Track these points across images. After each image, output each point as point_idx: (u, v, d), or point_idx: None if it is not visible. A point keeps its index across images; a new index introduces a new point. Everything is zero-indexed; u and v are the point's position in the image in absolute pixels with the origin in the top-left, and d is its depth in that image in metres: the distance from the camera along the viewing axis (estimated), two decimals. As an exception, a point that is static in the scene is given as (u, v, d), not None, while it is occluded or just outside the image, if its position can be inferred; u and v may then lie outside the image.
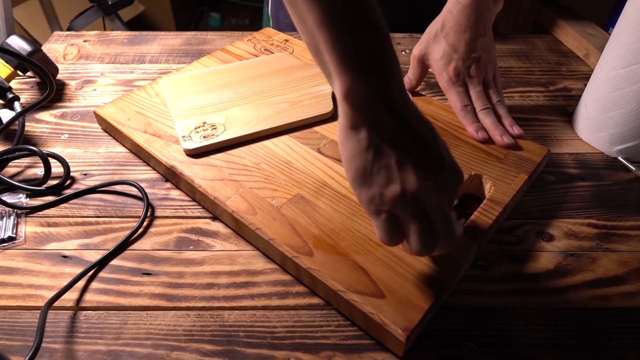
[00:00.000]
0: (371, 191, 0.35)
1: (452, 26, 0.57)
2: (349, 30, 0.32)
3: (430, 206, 0.34)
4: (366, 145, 0.34)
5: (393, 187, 0.34)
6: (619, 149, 0.57)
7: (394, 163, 0.34)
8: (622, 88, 0.54)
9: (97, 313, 0.42)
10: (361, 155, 0.34)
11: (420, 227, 0.35)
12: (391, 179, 0.34)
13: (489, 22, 0.57)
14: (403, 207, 0.34)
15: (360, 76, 0.32)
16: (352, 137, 0.34)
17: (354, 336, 0.40)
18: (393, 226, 0.36)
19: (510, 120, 0.57)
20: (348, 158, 0.35)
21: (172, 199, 0.53)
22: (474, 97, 0.58)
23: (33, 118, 0.64)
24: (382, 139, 0.34)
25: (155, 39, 0.82)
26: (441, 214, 0.35)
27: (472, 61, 0.57)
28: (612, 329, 0.41)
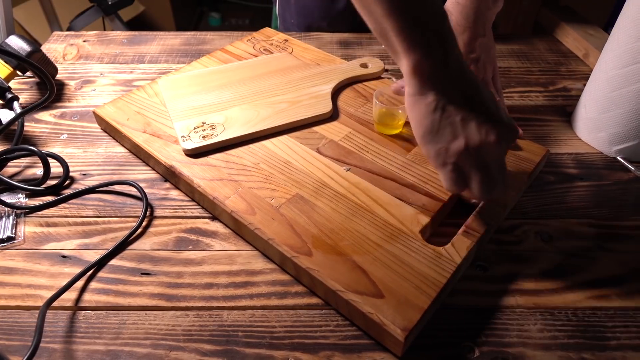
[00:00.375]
0: (438, 146, 0.40)
1: (453, 24, 0.56)
2: (413, 18, 0.37)
3: (490, 158, 0.40)
4: (434, 107, 0.39)
5: (458, 142, 0.39)
6: (618, 149, 0.57)
7: (458, 121, 0.39)
8: (621, 88, 0.54)
9: (96, 313, 0.42)
10: (429, 115, 0.39)
11: (482, 176, 0.40)
12: (456, 135, 0.39)
13: (488, 21, 0.56)
14: (467, 159, 0.40)
15: (426, 54, 0.38)
16: (421, 102, 0.40)
17: (353, 336, 0.40)
18: (458, 176, 0.41)
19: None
20: (418, 119, 0.40)
21: (171, 198, 0.53)
22: None
23: (32, 118, 0.64)
24: (447, 101, 0.39)
25: (155, 39, 0.82)
26: (499, 164, 0.41)
27: (470, 62, 0.56)
28: (611, 329, 0.41)
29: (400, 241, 0.44)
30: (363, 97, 0.63)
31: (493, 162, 0.40)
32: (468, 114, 0.39)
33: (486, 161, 0.40)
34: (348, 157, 0.53)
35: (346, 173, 0.51)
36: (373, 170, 0.51)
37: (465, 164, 0.40)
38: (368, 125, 0.58)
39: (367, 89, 0.64)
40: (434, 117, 0.39)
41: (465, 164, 0.40)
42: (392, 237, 0.44)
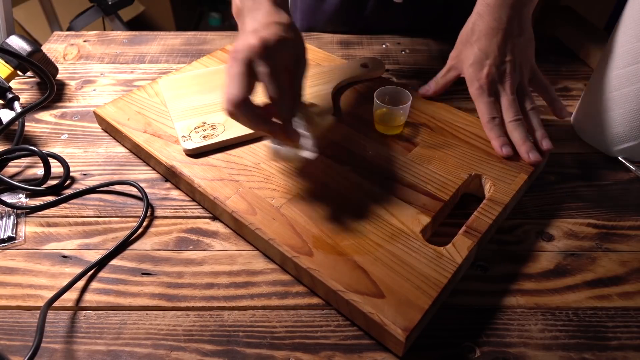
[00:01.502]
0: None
1: (482, 30, 0.55)
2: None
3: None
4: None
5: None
6: (619, 149, 0.57)
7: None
8: (622, 88, 0.54)
9: (97, 313, 0.42)
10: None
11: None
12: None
13: (525, 18, 0.54)
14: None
15: None
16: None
17: (353, 336, 0.40)
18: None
19: (542, 132, 0.54)
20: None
21: (172, 199, 0.53)
22: (504, 106, 0.55)
23: (33, 118, 0.64)
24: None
25: (155, 39, 0.82)
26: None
27: (506, 66, 0.54)
28: (612, 329, 0.41)
29: (401, 241, 0.44)
30: (363, 97, 0.62)
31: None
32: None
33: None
34: (348, 157, 0.53)
35: (347, 173, 0.51)
36: (373, 170, 0.51)
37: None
38: (368, 125, 0.58)
39: (367, 89, 0.64)
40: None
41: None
42: (393, 237, 0.44)
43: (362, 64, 0.66)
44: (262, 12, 0.45)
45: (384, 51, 0.78)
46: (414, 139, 0.55)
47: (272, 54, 0.42)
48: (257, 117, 0.43)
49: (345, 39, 0.81)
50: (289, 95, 0.45)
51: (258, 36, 0.42)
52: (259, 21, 0.44)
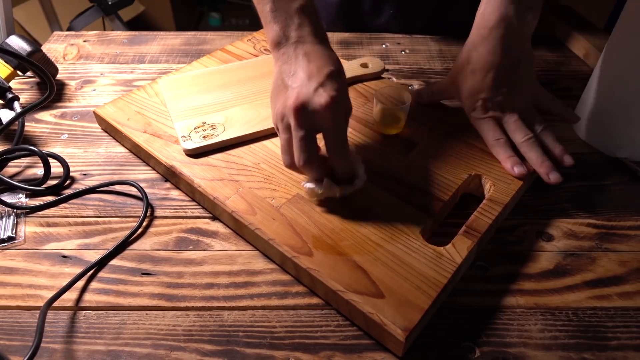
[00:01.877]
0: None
1: (476, 62, 0.53)
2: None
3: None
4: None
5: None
6: (619, 149, 0.57)
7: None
8: (622, 88, 0.54)
9: (97, 313, 0.42)
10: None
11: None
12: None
13: (524, 39, 0.52)
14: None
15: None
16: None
17: (353, 336, 0.40)
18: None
19: (560, 148, 0.52)
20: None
21: (172, 198, 0.53)
22: (511, 130, 0.53)
23: (33, 118, 0.64)
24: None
25: (155, 39, 0.82)
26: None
27: (501, 97, 0.53)
28: (612, 329, 0.41)
29: (401, 241, 0.44)
30: (363, 97, 0.62)
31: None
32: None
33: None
34: (348, 157, 0.53)
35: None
36: (373, 170, 0.51)
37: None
38: (368, 125, 0.57)
39: (367, 89, 0.64)
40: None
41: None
42: (393, 237, 0.44)
43: (362, 64, 0.66)
44: (315, 51, 0.45)
45: (384, 51, 0.78)
46: (414, 139, 0.55)
47: (337, 110, 0.43)
48: (320, 168, 0.45)
49: (345, 39, 0.81)
50: (346, 151, 0.46)
51: (327, 94, 0.42)
52: (311, 71, 0.43)
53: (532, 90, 0.55)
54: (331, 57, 0.45)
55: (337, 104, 0.42)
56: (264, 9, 0.46)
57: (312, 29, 0.45)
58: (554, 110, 0.56)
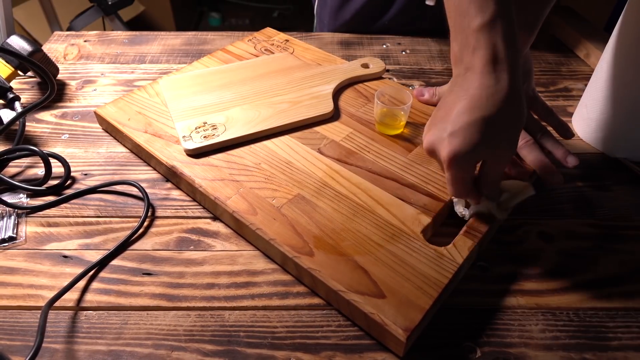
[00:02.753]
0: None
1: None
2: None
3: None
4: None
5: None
6: (619, 149, 0.57)
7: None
8: (622, 88, 0.54)
9: (98, 313, 0.42)
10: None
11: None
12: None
13: (524, 53, 0.52)
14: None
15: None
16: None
17: (354, 336, 0.40)
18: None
19: (562, 150, 0.52)
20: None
21: (173, 199, 0.53)
22: None
23: (33, 118, 0.64)
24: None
25: (156, 39, 0.82)
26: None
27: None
28: (613, 329, 0.41)
29: (402, 241, 0.44)
30: (364, 97, 0.63)
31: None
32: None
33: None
34: (349, 158, 0.53)
35: (348, 173, 0.51)
36: (374, 170, 0.51)
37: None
38: (369, 125, 0.58)
39: (368, 89, 0.64)
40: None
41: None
42: (394, 237, 0.44)
43: (362, 64, 0.67)
44: (476, 85, 0.38)
45: (384, 51, 0.78)
46: (414, 139, 0.55)
47: (458, 165, 0.40)
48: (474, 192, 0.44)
49: (345, 39, 0.81)
50: (469, 196, 0.44)
51: (452, 146, 0.38)
52: (459, 112, 0.38)
53: (529, 101, 0.55)
54: (494, 97, 0.38)
55: (459, 159, 0.39)
56: (449, 23, 0.41)
57: (488, 54, 0.38)
58: (550, 123, 0.56)
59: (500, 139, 0.39)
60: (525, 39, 0.51)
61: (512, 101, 0.38)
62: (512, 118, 0.39)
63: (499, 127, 0.38)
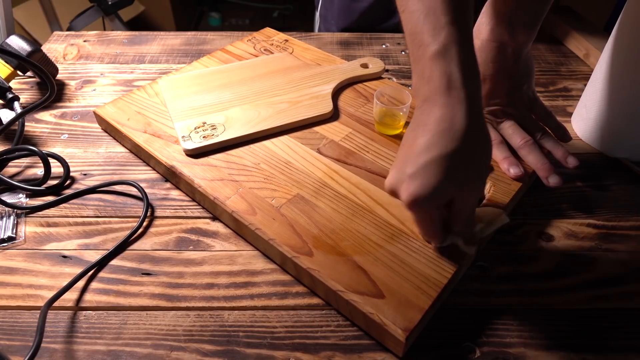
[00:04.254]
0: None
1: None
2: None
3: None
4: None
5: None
6: (619, 149, 0.57)
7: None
8: (622, 88, 0.54)
9: (97, 313, 0.42)
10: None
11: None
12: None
13: (517, 54, 0.51)
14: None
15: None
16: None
17: (353, 336, 0.40)
18: None
19: (562, 151, 0.51)
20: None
21: (172, 199, 0.53)
22: (508, 135, 0.52)
23: (33, 118, 0.64)
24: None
25: (155, 39, 0.82)
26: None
27: (496, 105, 0.53)
28: (612, 329, 0.41)
29: (401, 241, 0.44)
30: (363, 97, 0.63)
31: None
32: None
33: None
34: (349, 158, 0.53)
35: (347, 173, 0.51)
36: (374, 170, 0.51)
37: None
38: (368, 125, 0.58)
39: (367, 89, 0.64)
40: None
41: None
42: (393, 237, 0.44)
43: (362, 64, 0.66)
44: (433, 119, 0.36)
45: (384, 51, 0.78)
46: (414, 139, 0.55)
47: (421, 209, 0.38)
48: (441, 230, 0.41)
49: (345, 39, 0.81)
50: (439, 238, 0.41)
51: (411, 190, 0.36)
52: (417, 150, 0.36)
53: (528, 102, 0.54)
54: (451, 130, 0.35)
55: (420, 202, 0.36)
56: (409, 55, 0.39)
57: (443, 83, 0.35)
58: (548, 125, 0.55)
59: (465, 174, 0.36)
60: (525, 38, 0.51)
61: (472, 132, 0.35)
62: (475, 150, 0.36)
63: (462, 163, 0.35)
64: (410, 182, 0.36)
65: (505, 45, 0.51)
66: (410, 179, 0.36)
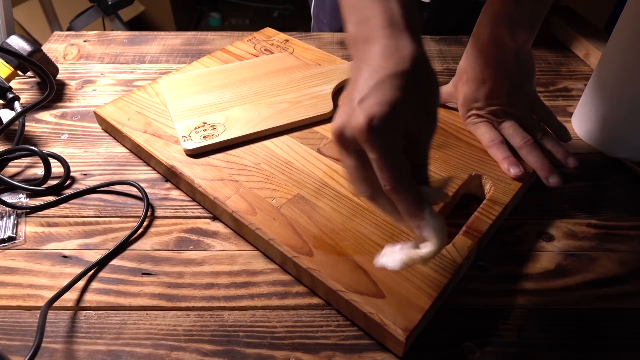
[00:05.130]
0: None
1: (472, 72, 0.53)
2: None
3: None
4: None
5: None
6: (619, 149, 0.57)
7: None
8: (622, 88, 0.54)
9: (97, 313, 0.42)
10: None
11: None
12: None
13: (517, 54, 0.51)
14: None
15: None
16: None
17: (353, 336, 0.40)
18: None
19: (563, 151, 0.51)
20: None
21: (172, 199, 0.53)
22: (509, 135, 0.53)
23: (33, 118, 0.64)
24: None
25: (155, 39, 0.82)
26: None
27: (496, 106, 0.53)
28: (612, 329, 0.41)
29: (401, 241, 0.43)
30: (364, 97, 0.62)
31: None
32: None
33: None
34: (349, 157, 0.53)
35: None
36: (374, 170, 0.51)
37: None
38: (369, 125, 0.57)
39: (367, 89, 0.64)
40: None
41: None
42: (393, 237, 0.44)
43: (362, 64, 0.66)
44: (375, 51, 0.33)
45: (384, 51, 0.78)
46: (414, 139, 0.55)
47: (382, 133, 0.32)
48: (394, 206, 0.35)
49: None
50: (410, 183, 0.34)
51: (365, 112, 0.31)
52: (371, 75, 0.33)
53: (528, 102, 0.54)
54: (397, 54, 0.33)
55: (382, 123, 0.31)
56: (341, 8, 0.37)
57: (384, 20, 0.34)
58: (549, 125, 0.55)
59: (418, 98, 0.33)
60: (526, 38, 0.51)
61: (419, 61, 0.33)
62: (423, 79, 0.34)
63: (414, 83, 0.33)
64: (362, 106, 0.32)
65: (505, 46, 0.51)
66: (361, 104, 0.32)
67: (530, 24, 0.50)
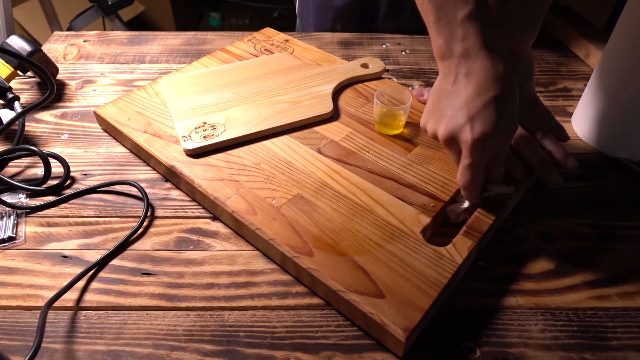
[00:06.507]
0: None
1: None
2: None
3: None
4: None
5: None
6: (619, 149, 0.57)
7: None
8: (622, 88, 0.54)
9: (97, 313, 0.42)
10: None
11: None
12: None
13: (516, 52, 0.50)
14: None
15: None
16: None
17: (354, 336, 0.40)
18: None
19: (561, 151, 0.51)
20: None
21: (172, 199, 0.53)
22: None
23: (33, 118, 0.64)
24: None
25: (155, 39, 0.82)
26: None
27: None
28: (612, 329, 0.41)
29: (401, 241, 0.44)
30: (364, 97, 0.63)
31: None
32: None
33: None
34: (349, 158, 0.53)
35: (347, 173, 0.51)
36: (374, 170, 0.51)
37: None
38: (369, 125, 0.58)
39: (367, 89, 0.64)
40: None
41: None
42: (393, 237, 0.44)
43: (362, 64, 0.66)
44: (477, 69, 0.41)
45: (384, 51, 0.78)
46: (414, 139, 0.55)
47: (483, 150, 0.42)
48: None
49: (345, 39, 0.81)
50: (478, 185, 0.45)
51: (474, 132, 0.41)
52: (468, 97, 0.41)
53: (528, 102, 0.54)
54: (497, 76, 0.41)
55: (485, 141, 0.41)
56: (428, 20, 0.44)
57: (479, 40, 0.41)
58: (548, 125, 0.55)
59: (510, 115, 0.42)
60: (526, 38, 0.51)
61: (509, 79, 0.41)
62: (512, 94, 0.42)
63: (507, 104, 0.41)
64: (473, 124, 0.41)
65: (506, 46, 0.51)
66: (472, 122, 0.41)
67: (530, 24, 0.50)
